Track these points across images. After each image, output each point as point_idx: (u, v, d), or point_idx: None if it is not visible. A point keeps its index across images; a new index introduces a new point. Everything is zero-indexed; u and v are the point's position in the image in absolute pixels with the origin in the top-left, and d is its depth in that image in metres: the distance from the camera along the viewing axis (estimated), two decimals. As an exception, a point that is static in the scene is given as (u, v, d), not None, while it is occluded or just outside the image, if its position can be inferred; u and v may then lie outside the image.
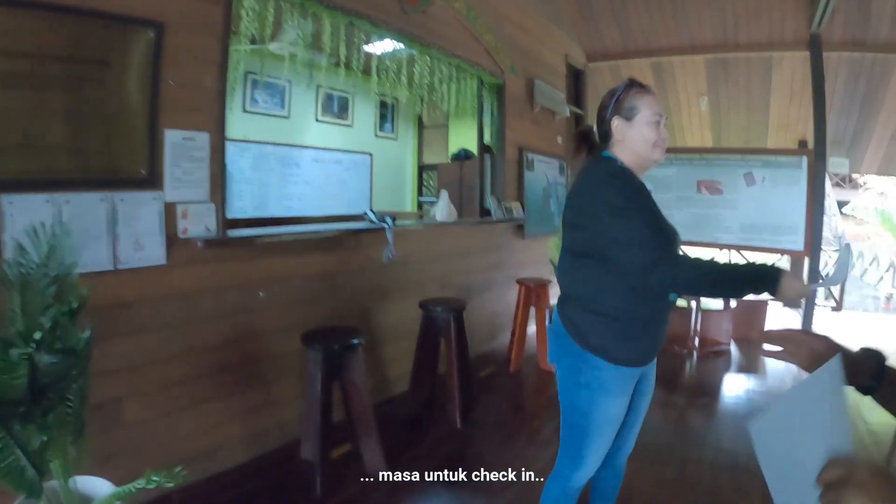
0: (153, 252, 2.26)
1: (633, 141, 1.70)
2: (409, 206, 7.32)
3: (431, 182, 7.15)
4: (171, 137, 2.32)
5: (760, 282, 1.46)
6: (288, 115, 5.82)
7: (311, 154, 5.43)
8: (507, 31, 5.08)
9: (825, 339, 0.97)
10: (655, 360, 1.86)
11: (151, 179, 2.26)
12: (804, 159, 6.26)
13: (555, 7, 6.33)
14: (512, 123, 5.23)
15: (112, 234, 2.12)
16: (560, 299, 1.81)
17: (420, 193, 7.45)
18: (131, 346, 2.22)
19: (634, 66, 7.54)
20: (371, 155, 6.23)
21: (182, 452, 2.40)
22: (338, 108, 6.44)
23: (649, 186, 1.74)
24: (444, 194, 4.23)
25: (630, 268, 1.55)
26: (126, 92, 2.17)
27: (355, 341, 2.58)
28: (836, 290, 9.17)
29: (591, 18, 6.87)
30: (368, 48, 3.59)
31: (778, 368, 4.92)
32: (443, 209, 4.14)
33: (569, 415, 1.79)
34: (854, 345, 0.95)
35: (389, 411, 3.46)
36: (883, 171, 8.98)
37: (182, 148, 2.36)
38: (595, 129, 1.82)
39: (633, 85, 1.73)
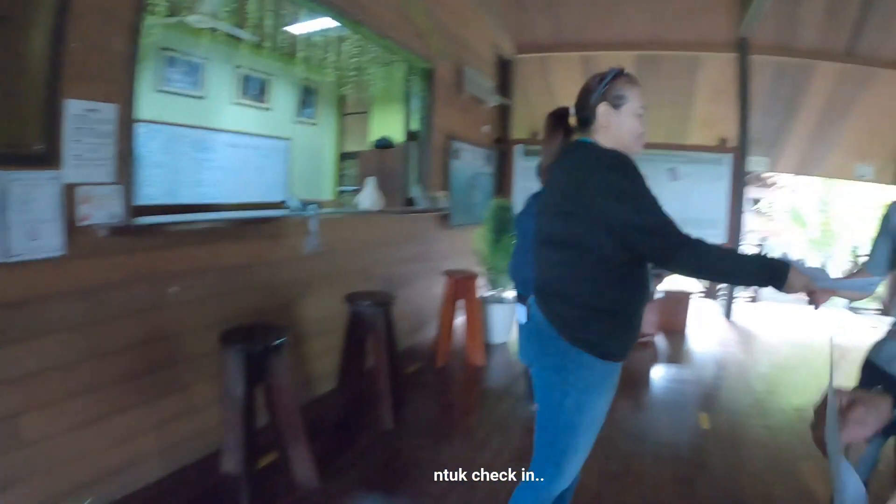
0: (50, 241, 1.96)
1: (618, 130, 1.68)
2: (328, 194, 7.06)
3: (351, 170, 6.95)
4: (73, 108, 2.01)
5: (771, 274, 1.49)
6: (204, 95, 5.45)
7: (226, 138, 5.09)
8: (439, 15, 4.96)
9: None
10: None
11: (48, 156, 1.95)
12: (729, 157, 6.65)
13: (487, -6, 6.29)
14: (440, 110, 5.14)
15: (1, 220, 1.83)
16: (542, 294, 1.73)
17: (340, 182, 7.21)
18: (26, 353, 1.93)
19: (563, 59, 7.65)
20: (290, 141, 5.97)
21: (91, 471, 2.16)
22: (257, 90, 6.11)
23: None
24: (371, 181, 4.07)
25: (652, 253, 1.54)
26: (25, 52, 1.86)
27: (279, 341, 2.39)
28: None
29: (523, 8, 6.88)
30: (294, 28, 3.37)
31: (703, 357, 5.19)
32: (368, 197, 3.99)
33: (552, 417, 1.71)
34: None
35: (317, 413, 3.31)
36: (799, 170, 9.65)
37: (85, 121, 2.06)
38: (574, 112, 1.77)
39: (624, 74, 1.71)
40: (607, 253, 1.56)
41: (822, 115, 8.11)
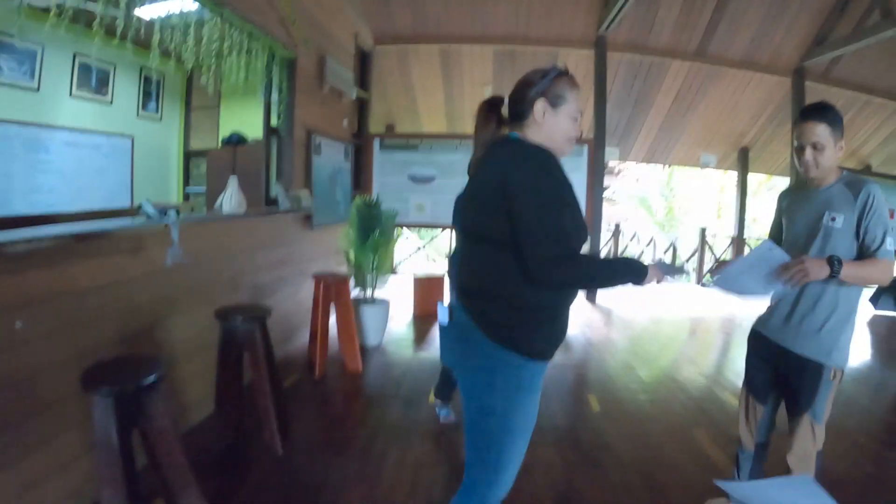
0: None
1: (552, 129, 1.69)
2: (175, 196, 6.56)
3: (197, 170, 6.44)
4: None
5: (632, 275, 1.64)
6: (37, 87, 4.80)
7: (63, 136, 4.53)
8: (302, 1, 4.74)
9: None
10: None
11: None
12: (585, 147, 7.16)
13: (349, -19, 6.14)
14: (302, 102, 4.96)
15: None
16: (463, 293, 1.70)
17: (186, 183, 6.73)
18: None
19: (423, 51, 7.71)
20: (132, 138, 5.41)
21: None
22: (96, 81, 5.46)
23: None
24: (234, 181, 3.81)
25: (533, 259, 1.52)
26: None
27: (153, 377, 2.04)
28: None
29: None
30: (146, 11, 3.02)
31: (575, 340, 5.44)
32: (231, 199, 3.73)
33: (483, 421, 1.68)
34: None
35: (198, 443, 3.04)
36: (647, 159, 10.79)
37: None
38: (507, 103, 1.75)
39: (566, 74, 1.72)
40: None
41: (672, 108, 9.02)
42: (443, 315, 1.78)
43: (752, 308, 2.46)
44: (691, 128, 9.56)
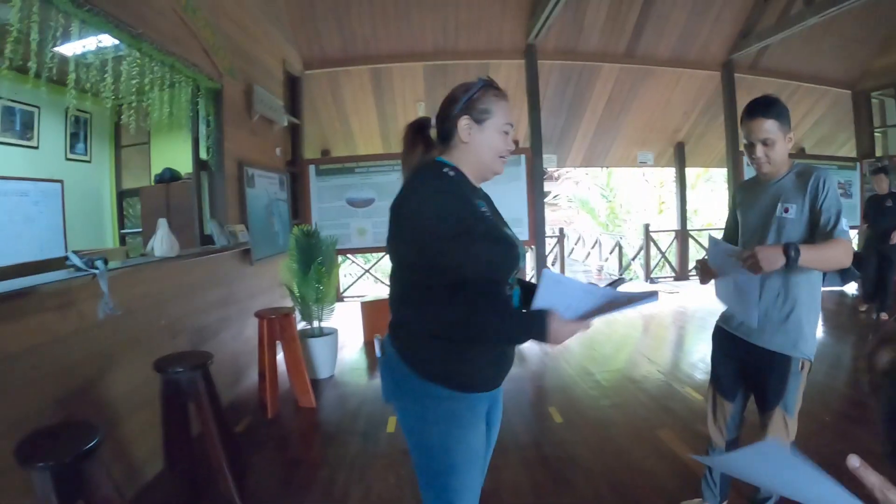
0: None
1: (479, 147, 1.62)
2: (111, 240, 6.31)
3: (132, 210, 6.24)
4: None
5: (529, 335, 1.50)
6: None
7: None
8: (225, 29, 4.69)
9: None
10: (501, 386, 1.79)
11: None
12: (523, 157, 7.30)
13: (274, 7, 6.10)
14: (231, 134, 4.85)
15: None
16: (391, 326, 1.67)
17: (122, 225, 6.49)
18: None
19: (353, 73, 7.71)
20: (62, 182, 5.19)
21: None
22: (20, 124, 5.20)
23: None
24: (163, 224, 3.67)
25: (433, 290, 1.50)
26: None
27: (92, 444, 1.93)
28: (557, 267, 11.00)
29: (311, 21, 6.85)
30: (64, 49, 2.92)
31: (527, 351, 5.48)
32: (163, 242, 3.59)
33: (424, 460, 1.64)
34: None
35: (152, 503, 2.93)
36: (585, 163, 11.09)
37: None
38: (434, 124, 1.69)
39: (492, 87, 1.65)
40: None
41: (606, 111, 9.27)
42: (378, 348, 1.75)
43: (702, 300, 2.51)
44: (626, 128, 9.83)
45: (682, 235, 10.55)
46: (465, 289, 1.48)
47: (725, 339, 2.42)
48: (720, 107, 8.84)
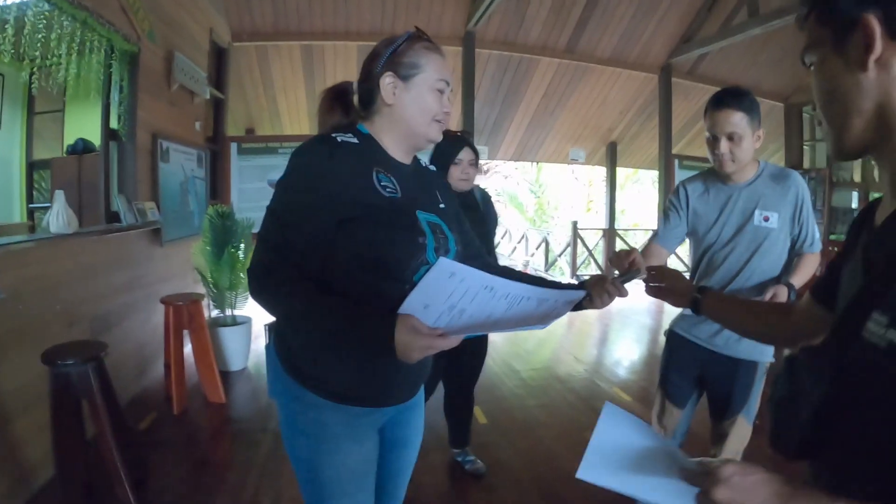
0: None
1: (406, 109, 1.35)
2: (18, 214, 5.83)
3: (44, 183, 5.76)
4: None
5: (372, 342, 1.18)
6: None
7: None
8: (147, -13, 4.34)
9: (683, 277, 1.52)
10: (421, 399, 1.60)
11: None
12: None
13: (204, -29, 5.73)
14: (146, 103, 4.52)
15: None
16: None
17: (30, 199, 5.99)
18: None
19: (283, 48, 7.41)
20: None
21: None
22: None
23: None
24: (60, 196, 3.36)
25: (274, 272, 1.24)
26: None
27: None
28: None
29: (243, -10, 6.48)
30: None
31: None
32: (58, 217, 3.29)
33: (298, 470, 1.43)
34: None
35: None
36: (516, 157, 11.12)
37: None
38: (356, 87, 1.44)
39: (421, 38, 1.39)
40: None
41: (541, 105, 9.29)
42: (266, 335, 1.53)
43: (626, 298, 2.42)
44: (560, 124, 9.89)
45: (610, 234, 10.77)
46: (318, 277, 1.26)
47: (682, 345, 2.29)
48: (655, 109, 9.03)
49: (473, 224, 2.74)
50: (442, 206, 1.49)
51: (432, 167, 1.62)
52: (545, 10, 7.53)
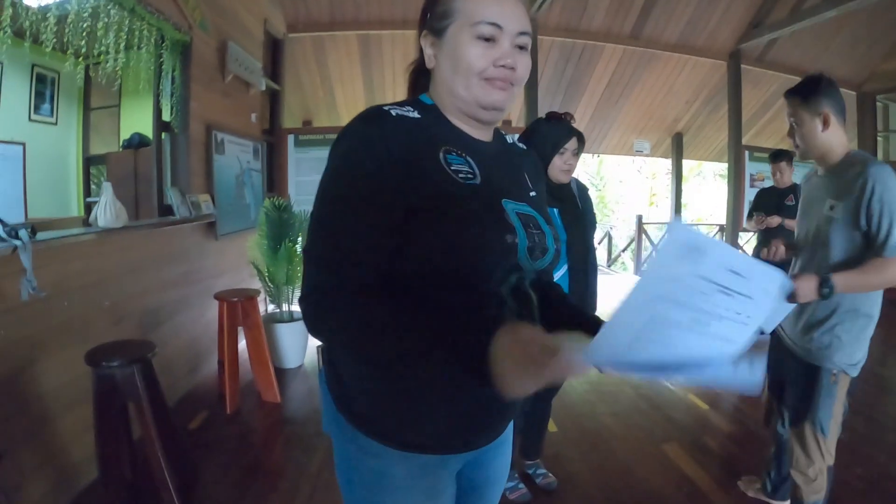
0: None
1: (443, 71, 1.06)
2: (75, 208, 5.88)
3: (101, 177, 5.79)
4: None
5: (465, 363, 0.82)
6: None
7: None
8: (199, -25, 4.22)
9: None
10: (507, 434, 1.24)
11: None
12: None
13: (258, -40, 5.62)
14: (199, 95, 4.41)
15: None
16: None
17: (87, 193, 6.01)
18: None
19: (339, 38, 7.28)
20: (24, 145, 4.75)
21: None
22: None
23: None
24: (108, 188, 3.23)
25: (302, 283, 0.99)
26: None
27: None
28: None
29: (298, -20, 6.35)
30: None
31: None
32: (106, 211, 3.17)
33: None
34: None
35: None
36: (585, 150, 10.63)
37: None
38: None
39: None
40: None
41: (604, 95, 8.92)
42: (319, 358, 1.24)
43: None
44: (624, 114, 9.47)
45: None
46: (381, 287, 0.96)
47: (775, 339, 2.20)
48: (723, 98, 8.48)
49: (569, 221, 2.45)
50: (533, 193, 1.18)
51: (520, 144, 1.32)
52: (608, -5, 7.17)
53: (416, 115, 1.03)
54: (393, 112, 1.00)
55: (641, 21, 7.57)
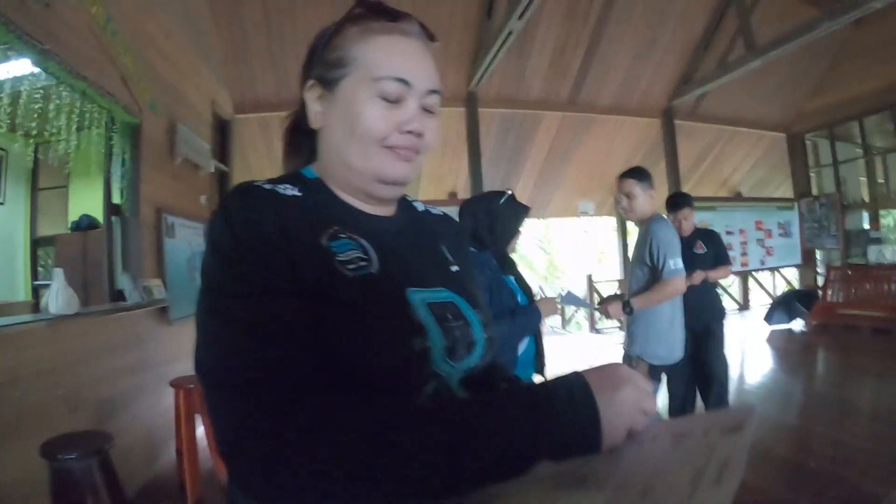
0: None
1: (333, 133, 0.87)
2: (22, 292, 5.76)
3: (49, 259, 5.62)
4: None
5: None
6: None
7: None
8: (149, 58, 4.26)
9: None
10: None
11: None
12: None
13: (205, 42, 5.71)
14: (149, 177, 4.35)
15: None
16: None
17: (35, 276, 5.91)
18: None
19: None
20: None
21: None
22: None
23: None
24: (59, 275, 3.13)
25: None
26: None
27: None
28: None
29: (244, 61, 6.50)
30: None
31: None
32: (57, 297, 3.06)
33: None
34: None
35: None
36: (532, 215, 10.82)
37: None
38: None
39: (362, 13, 0.86)
40: None
41: (547, 160, 9.22)
42: None
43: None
44: (568, 177, 9.80)
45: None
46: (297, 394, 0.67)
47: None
48: (660, 154, 8.93)
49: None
50: (455, 268, 0.97)
51: (435, 210, 1.09)
52: (545, 64, 7.55)
53: (295, 192, 0.83)
54: (265, 187, 0.81)
55: (577, 87, 7.97)
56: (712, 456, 0.51)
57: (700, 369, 3.79)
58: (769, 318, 8.57)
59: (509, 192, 2.67)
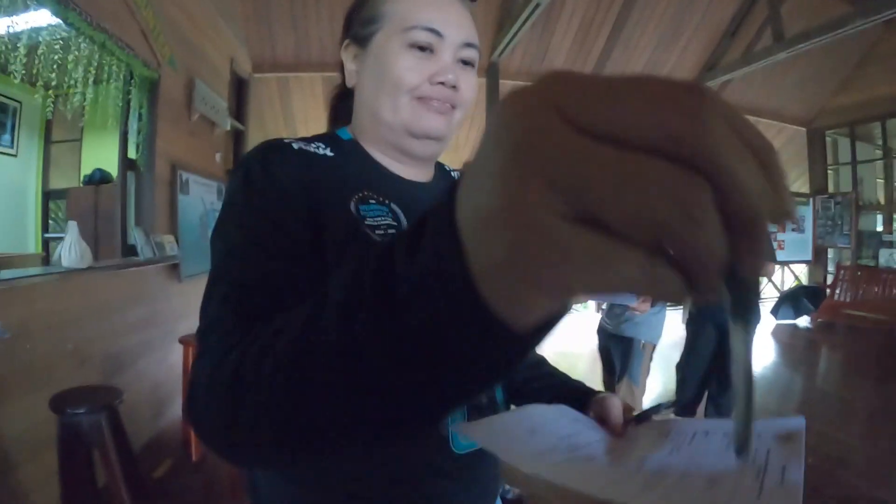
0: None
1: (365, 88, 0.84)
2: (32, 245, 5.73)
3: (60, 213, 5.61)
4: None
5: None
6: None
7: None
8: (169, 13, 4.20)
9: None
10: None
11: None
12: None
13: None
14: (165, 133, 4.32)
15: None
16: None
17: (46, 228, 5.88)
18: None
19: (305, 79, 7.27)
20: None
21: None
22: None
23: None
24: (73, 228, 3.14)
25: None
26: None
27: None
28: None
29: (265, 20, 6.38)
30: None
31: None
32: (70, 251, 3.07)
33: None
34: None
35: None
36: None
37: None
38: None
39: None
40: None
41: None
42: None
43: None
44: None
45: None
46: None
47: (604, 334, 3.64)
48: (680, 139, 8.84)
49: None
50: None
51: None
52: (569, 41, 7.42)
53: (326, 152, 0.79)
54: (294, 145, 0.77)
55: (600, 65, 7.85)
56: (768, 458, 0.49)
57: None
58: (775, 311, 8.56)
59: None
